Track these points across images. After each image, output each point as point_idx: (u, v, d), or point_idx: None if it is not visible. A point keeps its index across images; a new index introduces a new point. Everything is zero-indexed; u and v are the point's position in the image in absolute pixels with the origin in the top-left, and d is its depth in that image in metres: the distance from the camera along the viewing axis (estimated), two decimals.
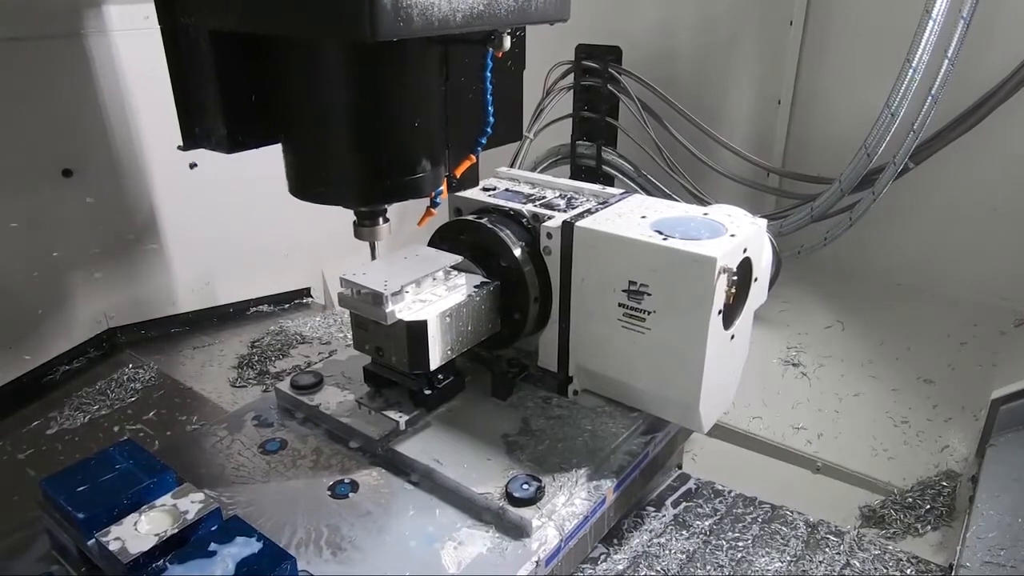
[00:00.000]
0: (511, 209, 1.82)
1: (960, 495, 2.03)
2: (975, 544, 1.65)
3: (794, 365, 2.62)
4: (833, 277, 2.90)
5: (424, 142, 1.57)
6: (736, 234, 1.58)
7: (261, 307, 2.92)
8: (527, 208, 1.81)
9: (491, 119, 1.65)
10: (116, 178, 2.51)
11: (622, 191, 1.90)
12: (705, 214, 1.71)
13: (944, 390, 2.42)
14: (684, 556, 1.81)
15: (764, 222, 1.71)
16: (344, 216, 1.72)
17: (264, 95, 1.52)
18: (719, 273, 1.47)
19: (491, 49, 1.50)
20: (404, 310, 1.55)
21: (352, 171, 1.52)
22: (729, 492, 2.04)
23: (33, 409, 2.24)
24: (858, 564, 1.73)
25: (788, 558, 1.76)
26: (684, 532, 1.89)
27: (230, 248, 2.80)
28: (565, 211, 1.77)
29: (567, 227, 1.67)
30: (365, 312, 1.57)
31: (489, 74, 1.59)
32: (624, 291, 1.62)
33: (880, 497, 2.13)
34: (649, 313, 1.60)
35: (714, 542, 1.82)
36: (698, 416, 1.65)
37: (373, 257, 1.70)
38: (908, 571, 1.71)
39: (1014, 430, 1.99)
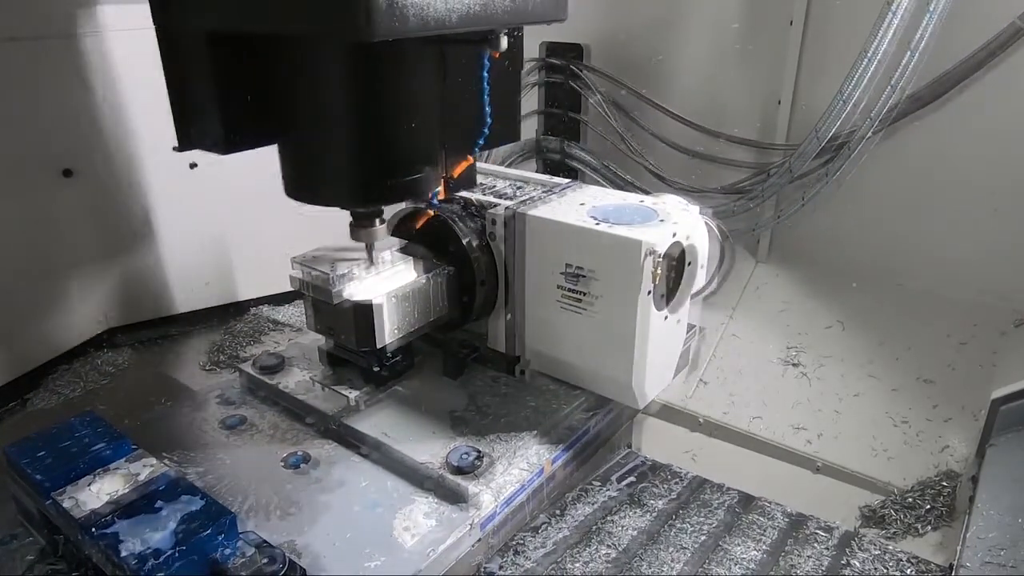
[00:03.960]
0: (462, 198, 1.91)
1: (960, 495, 2.03)
2: (975, 544, 1.64)
3: (794, 365, 2.62)
4: (833, 277, 2.88)
5: (421, 143, 1.57)
6: (666, 220, 1.67)
7: (261, 307, 2.92)
8: (476, 197, 1.90)
9: (488, 119, 1.65)
10: (116, 178, 2.53)
11: (569, 181, 2.00)
12: (642, 202, 1.80)
13: (944, 390, 2.40)
14: (636, 532, 1.88)
15: (697, 209, 1.80)
16: (343, 215, 1.77)
17: (260, 96, 1.51)
18: (646, 255, 1.57)
19: (488, 49, 1.50)
20: (352, 291, 1.64)
21: (348, 172, 1.53)
22: (687, 474, 2.11)
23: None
24: (858, 564, 1.74)
25: (764, 547, 1.80)
26: (638, 510, 1.97)
27: (230, 248, 2.82)
28: (512, 199, 1.87)
29: (511, 214, 1.77)
30: (316, 293, 1.67)
31: (486, 74, 1.59)
32: (563, 274, 1.71)
33: (880, 497, 2.14)
34: (585, 295, 1.69)
35: (679, 525, 1.88)
36: (632, 393, 1.74)
37: (371, 259, 1.70)
38: (908, 571, 1.72)
39: (1014, 430, 1.97)
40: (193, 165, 2.64)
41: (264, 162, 1.95)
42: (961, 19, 2.33)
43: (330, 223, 2.08)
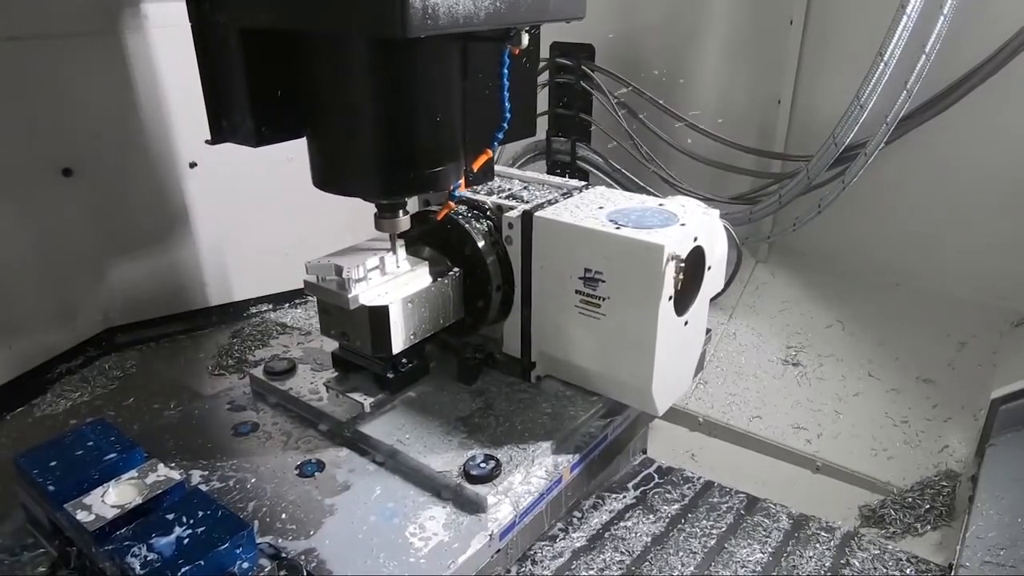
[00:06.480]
0: (476, 200, 1.88)
1: (960, 495, 2.03)
2: (975, 544, 1.65)
3: (794, 365, 2.63)
4: (833, 277, 2.88)
5: (445, 137, 1.60)
6: (687, 223, 1.64)
7: (261, 307, 2.92)
8: (491, 199, 1.87)
9: (508, 115, 1.67)
10: (116, 178, 2.51)
11: (584, 183, 1.97)
12: (660, 205, 1.77)
13: (944, 390, 2.41)
14: (649, 539, 1.86)
15: (716, 212, 1.77)
16: (342, 215, 1.76)
17: (290, 90, 1.55)
18: (667, 260, 1.54)
19: (509, 46, 1.53)
20: (367, 295, 1.61)
21: (375, 164, 1.56)
22: (698, 479, 2.09)
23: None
24: (857, 564, 1.75)
25: (770, 549, 1.80)
26: (651, 516, 1.95)
27: (230, 248, 2.81)
28: (528, 202, 1.84)
29: (527, 217, 1.74)
30: (329, 298, 1.64)
31: (506, 71, 1.62)
32: (580, 278, 1.68)
33: (880, 497, 2.15)
34: (604, 299, 1.66)
35: (688, 529, 1.87)
36: (652, 399, 1.71)
37: (394, 248, 1.72)
38: (908, 571, 1.73)
39: (1014, 430, 1.98)
40: (193, 165, 2.64)
41: (263, 162, 1.96)
42: (966, 23, 2.32)
43: (330, 224, 2.06)
